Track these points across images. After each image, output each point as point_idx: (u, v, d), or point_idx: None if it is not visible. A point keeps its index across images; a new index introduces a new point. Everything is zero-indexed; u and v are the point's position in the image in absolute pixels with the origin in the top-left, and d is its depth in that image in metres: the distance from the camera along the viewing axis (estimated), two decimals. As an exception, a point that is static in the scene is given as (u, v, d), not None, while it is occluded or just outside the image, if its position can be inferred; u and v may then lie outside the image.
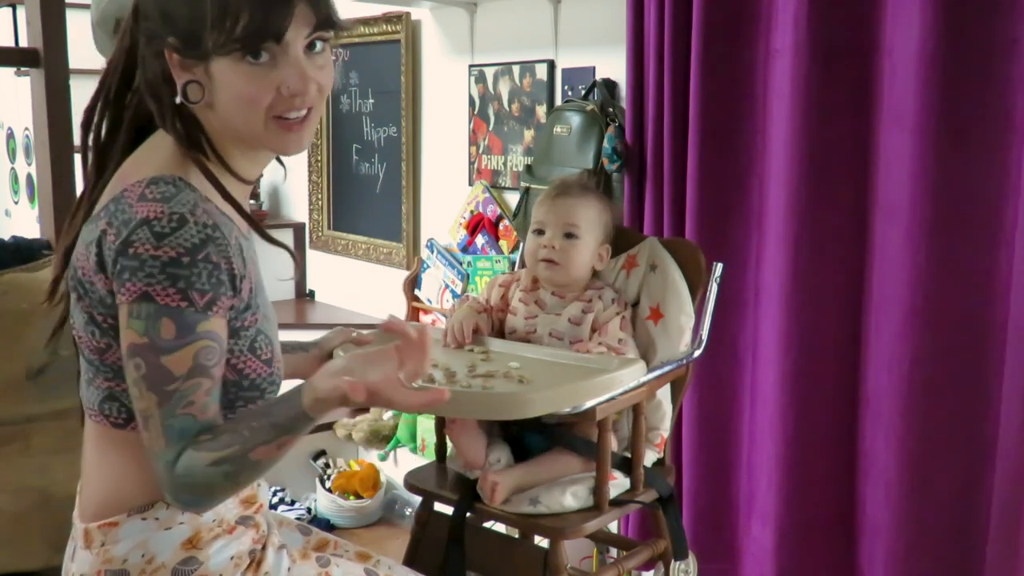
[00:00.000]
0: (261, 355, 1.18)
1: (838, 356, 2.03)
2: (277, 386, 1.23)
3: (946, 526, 1.88)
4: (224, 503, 1.20)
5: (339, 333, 1.66)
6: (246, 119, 1.13)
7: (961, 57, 1.76)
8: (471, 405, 1.55)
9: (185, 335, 1.06)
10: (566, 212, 1.87)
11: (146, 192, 1.08)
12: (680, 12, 2.16)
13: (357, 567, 1.36)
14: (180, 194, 1.09)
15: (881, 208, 1.93)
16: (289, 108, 1.14)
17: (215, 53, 1.09)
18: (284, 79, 1.11)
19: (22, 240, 2.34)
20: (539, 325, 1.87)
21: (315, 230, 3.69)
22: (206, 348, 1.08)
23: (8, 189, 5.45)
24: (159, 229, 1.05)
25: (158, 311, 1.05)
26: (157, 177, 1.10)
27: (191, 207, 1.08)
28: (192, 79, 1.13)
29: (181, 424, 1.07)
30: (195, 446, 1.07)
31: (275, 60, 1.11)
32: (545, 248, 1.86)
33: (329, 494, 3.27)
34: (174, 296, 1.05)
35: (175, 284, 1.05)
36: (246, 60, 1.10)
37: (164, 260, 1.05)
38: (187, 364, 1.07)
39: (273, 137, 1.15)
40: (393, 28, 3.18)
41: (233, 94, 1.12)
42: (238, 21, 1.07)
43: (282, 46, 1.10)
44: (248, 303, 1.16)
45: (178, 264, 1.05)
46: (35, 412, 2.00)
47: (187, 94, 1.13)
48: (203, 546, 1.18)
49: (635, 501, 1.80)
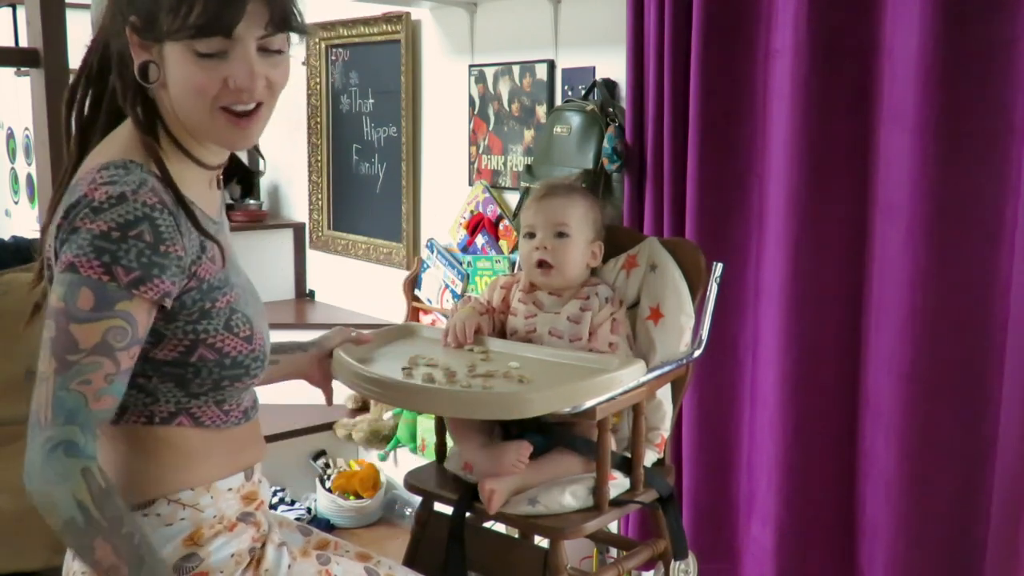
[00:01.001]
0: (239, 332, 1.19)
1: (838, 356, 2.03)
2: (261, 364, 1.24)
3: (946, 526, 1.88)
4: (226, 499, 1.21)
5: (339, 332, 1.67)
6: (193, 107, 1.14)
7: (961, 57, 1.76)
8: (471, 405, 1.56)
9: (101, 309, 1.05)
10: (554, 212, 1.87)
11: (96, 177, 1.09)
12: (680, 12, 2.16)
13: (357, 566, 1.37)
14: (127, 176, 1.09)
15: (881, 208, 1.93)
16: (236, 101, 1.14)
17: (168, 38, 1.11)
18: (232, 73, 1.13)
19: (22, 240, 2.34)
20: (538, 324, 1.87)
21: (315, 230, 3.69)
22: (117, 328, 1.06)
23: (8, 189, 5.45)
24: (96, 205, 1.06)
25: (79, 280, 1.05)
26: (108, 162, 1.11)
27: (135, 187, 1.08)
28: (149, 59, 1.14)
29: (71, 401, 1.05)
30: (84, 465, 1.05)
31: (225, 53, 1.12)
32: (538, 250, 1.86)
33: (329, 494, 3.27)
34: (97, 268, 1.05)
35: (100, 257, 1.05)
36: (196, 49, 1.11)
37: (95, 232, 1.05)
38: (94, 339, 1.05)
39: (220, 128, 1.16)
40: (393, 28, 3.18)
41: (182, 80, 1.13)
42: (192, 9, 1.09)
43: (232, 40, 1.12)
44: (214, 284, 1.16)
45: (107, 238, 1.05)
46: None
47: (145, 74, 1.14)
48: (204, 543, 1.18)
49: (635, 501, 1.80)
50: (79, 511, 1.04)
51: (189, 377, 1.16)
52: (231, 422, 1.23)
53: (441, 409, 1.71)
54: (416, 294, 3.12)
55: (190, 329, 1.14)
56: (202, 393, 1.18)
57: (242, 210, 3.68)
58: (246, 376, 1.21)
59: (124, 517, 1.07)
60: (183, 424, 1.19)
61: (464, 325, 1.83)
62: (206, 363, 1.16)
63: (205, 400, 1.19)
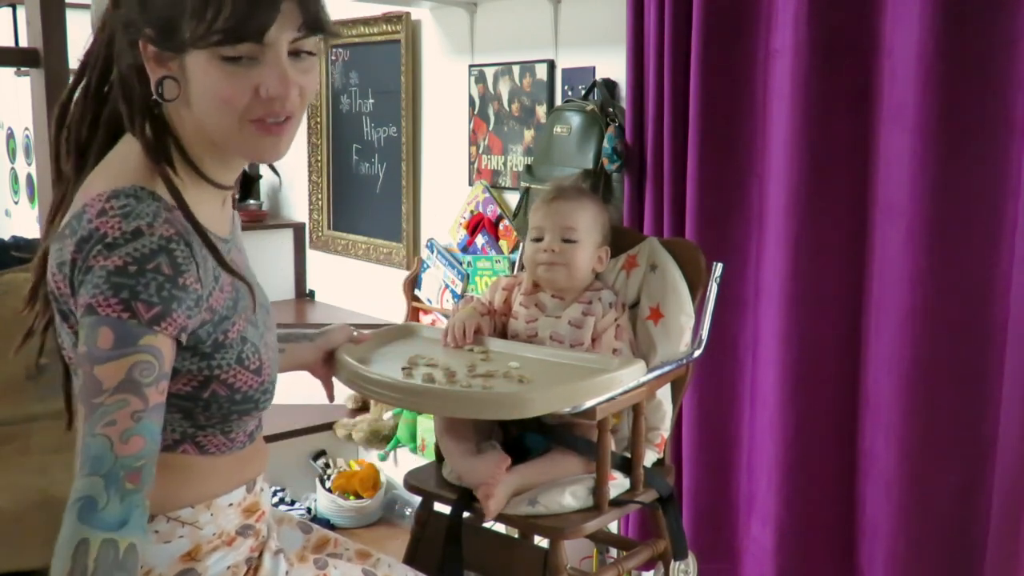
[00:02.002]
0: (249, 365, 1.14)
1: (838, 356, 2.03)
2: (270, 396, 1.19)
3: (946, 526, 1.88)
4: (226, 515, 1.19)
5: (341, 329, 1.66)
6: (219, 121, 1.06)
7: (961, 57, 1.76)
8: (471, 405, 1.55)
9: (123, 346, 0.96)
10: (563, 216, 1.86)
11: (106, 207, 1.01)
12: (680, 12, 2.16)
13: (355, 568, 1.36)
14: (140, 206, 1.02)
15: (881, 208, 1.93)
16: (267, 113, 1.07)
17: (192, 46, 1.02)
18: (263, 80, 1.05)
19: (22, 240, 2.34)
20: (540, 328, 1.87)
21: (315, 230, 3.69)
22: (144, 363, 0.97)
23: (8, 189, 5.45)
24: (110, 241, 0.99)
25: (98, 321, 0.97)
26: (118, 190, 1.03)
27: (150, 219, 1.01)
28: (168, 75, 1.06)
29: (96, 448, 0.94)
30: (89, 536, 0.90)
31: (255, 59, 1.04)
32: (545, 252, 1.86)
33: (329, 494, 3.27)
34: (115, 306, 0.97)
35: (118, 294, 0.97)
36: (224, 58, 1.03)
37: (110, 269, 0.98)
38: (118, 376, 0.96)
39: (248, 142, 1.08)
40: (393, 28, 3.18)
41: (208, 93, 1.05)
42: (220, 12, 1.00)
43: (264, 45, 1.04)
44: (224, 314, 1.10)
45: (123, 273, 0.98)
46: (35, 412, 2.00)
47: (162, 91, 1.06)
48: (201, 558, 1.16)
49: (635, 501, 1.80)
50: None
51: (198, 411, 1.12)
52: (236, 448, 1.20)
53: (441, 409, 1.71)
54: (416, 294, 3.12)
55: (204, 365, 1.09)
56: (209, 425, 1.15)
57: (242, 210, 3.68)
58: (255, 409, 1.17)
59: None
60: (187, 452, 1.15)
61: (464, 325, 1.83)
62: (217, 398, 1.12)
63: (212, 431, 1.16)
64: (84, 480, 0.93)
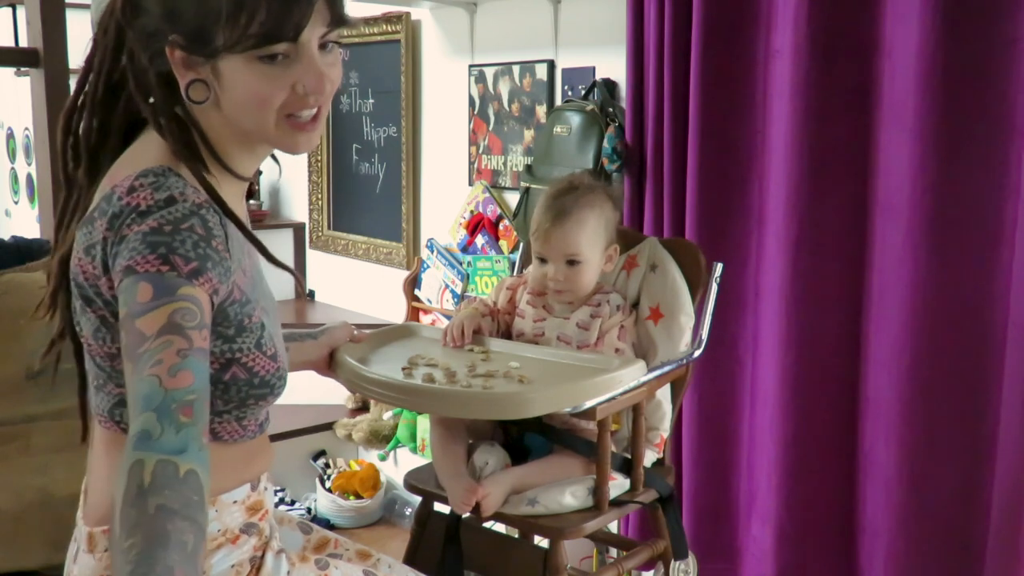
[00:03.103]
0: (267, 351, 1.16)
1: (838, 356, 2.03)
2: (284, 381, 1.21)
3: (946, 526, 1.88)
4: (230, 512, 1.19)
5: (343, 327, 1.66)
6: (257, 119, 1.09)
7: (961, 57, 1.76)
8: (471, 405, 1.55)
9: (161, 296, 0.96)
10: (564, 243, 1.81)
11: (135, 184, 1.03)
12: (680, 12, 2.16)
13: (356, 568, 1.36)
14: (168, 180, 1.04)
15: (881, 208, 1.93)
16: (302, 107, 1.10)
17: (227, 51, 1.04)
18: (300, 78, 1.07)
19: (22, 240, 2.34)
20: (547, 328, 1.86)
21: (315, 230, 3.69)
22: (184, 309, 0.96)
23: (8, 189, 5.46)
24: (143, 209, 1.01)
25: (137, 278, 0.97)
26: (146, 169, 1.05)
27: (180, 189, 1.03)
28: (197, 78, 1.08)
29: (146, 388, 0.92)
30: (145, 457, 0.87)
31: (290, 58, 1.07)
32: (552, 280, 1.84)
33: (329, 494, 3.27)
34: (153, 262, 0.97)
35: (155, 251, 0.98)
36: (260, 59, 1.05)
37: (145, 231, 0.99)
38: (159, 323, 0.94)
39: (284, 136, 1.12)
40: (393, 28, 3.18)
41: (245, 94, 1.07)
42: (254, 17, 1.02)
43: (299, 43, 1.06)
44: (248, 297, 1.13)
45: (159, 232, 0.99)
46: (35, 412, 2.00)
47: (190, 94, 1.08)
48: (206, 555, 1.16)
49: (635, 501, 1.79)
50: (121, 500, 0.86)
51: (217, 394, 1.13)
52: (247, 436, 1.21)
53: (441, 409, 1.71)
54: (416, 294, 3.12)
55: (226, 348, 1.10)
56: (226, 411, 1.16)
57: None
58: (270, 395, 1.19)
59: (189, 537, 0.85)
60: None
61: (464, 325, 1.83)
62: (237, 381, 1.13)
63: (227, 417, 1.17)
64: (137, 420, 0.90)
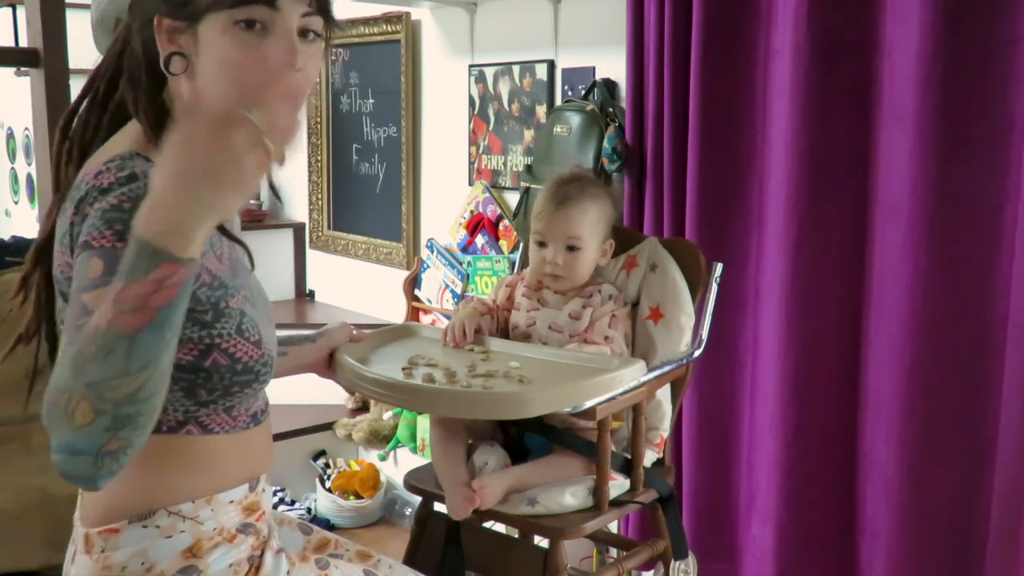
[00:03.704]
0: (249, 337, 1.15)
1: (838, 356, 2.03)
2: (270, 369, 1.21)
3: (946, 526, 1.88)
4: (226, 511, 1.19)
5: (342, 328, 1.66)
6: (225, 91, 1.10)
7: (961, 57, 1.76)
8: (471, 405, 1.55)
9: (112, 273, 0.92)
10: (566, 225, 1.85)
11: (102, 168, 1.06)
12: (680, 12, 2.16)
13: (356, 568, 1.36)
14: (134, 161, 1.06)
15: (881, 208, 1.93)
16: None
17: (208, 10, 1.08)
18: (272, 49, 1.09)
19: (22, 240, 2.34)
20: (539, 319, 1.87)
21: (315, 230, 3.69)
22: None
23: (8, 189, 5.46)
24: (104, 187, 1.03)
25: (91, 253, 0.98)
26: (115, 155, 1.08)
27: (143, 168, 1.04)
28: (176, 50, 1.11)
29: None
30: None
31: (267, 31, 1.09)
32: (549, 264, 1.86)
33: (329, 494, 3.27)
34: (109, 237, 0.98)
35: (112, 227, 0.99)
36: (238, 25, 1.08)
37: (104, 208, 1.00)
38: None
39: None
40: (393, 28, 3.18)
41: (219, 61, 1.09)
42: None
43: (275, 14, 1.09)
44: (221, 281, 1.13)
45: (118, 209, 1.00)
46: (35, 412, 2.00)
47: (169, 67, 1.11)
48: (203, 555, 1.17)
49: (635, 501, 1.80)
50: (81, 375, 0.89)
51: (199, 383, 1.13)
52: (239, 427, 1.21)
53: (441, 409, 1.71)
54: (416, 294, 3.12)
55: (204, 333, 1.11)
56: (211, 401, 1.16)
57: (242, 210, 3.68)
58: (255, 382, 1.19)
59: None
60: (191, 432, 1.16)
61: (464, 325, 1.83)
62: (219, 368, 1.13)
63: (214, 408, 1.17)
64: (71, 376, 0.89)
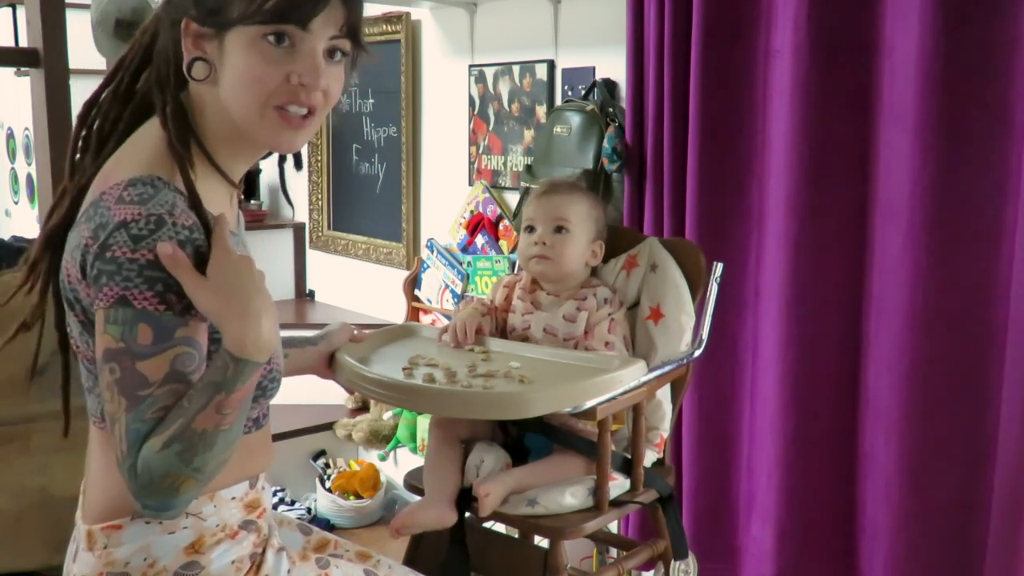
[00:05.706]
0: None
1: (838, 356, 2.03)
2: (278, 383, 1.22)
3: (946, 526, 1.88)
4: (229, 508, 1.20)
5: (342, 329, 1.66)
6: (246, 102, 1.11)
7: (961, 57, 1.76)
8: (471, 405, 1.55)
9: (162, 340, 1.03)
10: (555, 207, 1.87)
11: (123, 195, 1.05)
12: (680, 12, 2.16)
13: (357, 568, 1.36)
14: (158, 195, 1.06)
15: (881, 208, 1.93)
16: (293, 99, 1.12)
17: (239, 22, 1.08)
18: (296, 67, 1.10)
19: (22, 240, 2.34)
20: (534, 321, 1.87)
21: (315, 230, 3.69)
22: (184, 355, 1.04)
23: (8, 189, 5.46)
24: (136, 232, 1.03)
25: (136, 316, 1.02)
26: (135, 178, 1.07)
27: (169, 207, 1.05)
28: (200, 56, 1.12)
29: (147, 428, 1.02)
30: (148, 439, 1.02)
31: (293, 47, 1.10)
32: (536, 245, 1.87)
33: (329, 494, 3.27)
34: (152, 300, 1.02)
35: (153, 287, 1.02)
36: (266, 39, 1.09)
37: (142, 263, 1.02)
38: (163, 370, 1.03)
39: (269, 127, 1.13)
40: (393, 28, 3.18)
41: (243, 72, 1.10)
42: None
43: (304, 34, 1.10)
44: None
45: (156, 267, 1.03)
46: (35, 412, 2.00)
47: (192, 72, 1.12)
48: (205, 551, 1.17)
49: (635, 501, 1.80)
50: (173, 452, 1.00)
51: None
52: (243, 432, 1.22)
53: (441, 409, 1.71)
54: (416, 294, 3.12)
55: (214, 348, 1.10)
56: None
57: (243, 211, 3.68)
58: (263, 397, 1.20)
59: (184, 403, 1.02)
60: None
61: (464, 325, 1.83)
62: None
63: None
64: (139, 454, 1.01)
